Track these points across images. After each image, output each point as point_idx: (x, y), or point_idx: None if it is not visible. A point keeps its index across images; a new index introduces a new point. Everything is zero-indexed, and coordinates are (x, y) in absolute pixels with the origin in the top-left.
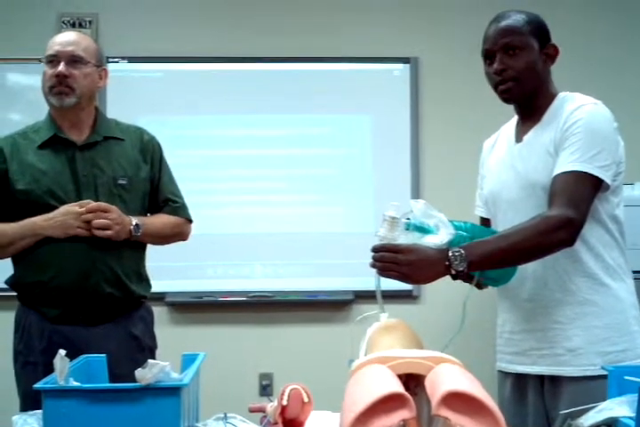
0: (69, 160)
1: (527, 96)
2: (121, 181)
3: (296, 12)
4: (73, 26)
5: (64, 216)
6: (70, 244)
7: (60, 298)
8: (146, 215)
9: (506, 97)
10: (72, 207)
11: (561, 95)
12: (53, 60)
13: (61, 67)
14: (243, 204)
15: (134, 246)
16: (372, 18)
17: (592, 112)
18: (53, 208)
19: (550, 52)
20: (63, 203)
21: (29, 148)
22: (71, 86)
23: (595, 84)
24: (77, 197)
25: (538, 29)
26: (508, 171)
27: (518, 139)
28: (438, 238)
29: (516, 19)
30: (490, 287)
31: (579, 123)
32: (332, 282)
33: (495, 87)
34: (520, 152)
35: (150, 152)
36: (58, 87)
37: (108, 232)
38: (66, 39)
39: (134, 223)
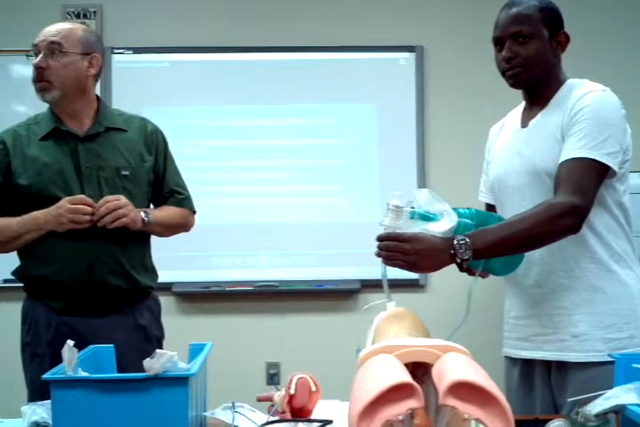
0: (72, 152)
1: (534, 82)
2: (124, 172)
3: (301, 1)
4: (77, 17)
5: (57, 210)
6: (74, 236)
7: (67, 291)
8: (149, 206)
9: (513, 82)
10: (64, 202)
11: (569, 82)
12: (37, 51)
13: (38, 58)
14: (249, 194)
15: (139, 238)
16: (377, 6)
17: (600, 99)
18: (58, 200)
19: (561, 40)
20: (67, 194)
21: (31, 140)
22: (49, 80)
23: (603, 70)
24: (81, 188)
25: (549, 17)
26: (513, 156)
27: (524, 124)
28: (443, 226)
29: (527, 6)
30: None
31: (586, 109)
32: (338, 271)
33: (503, 73)
34: (526, 137)
35: (155, 143)
36: (37, 83)
37: (124, 219)
38: (47, 29)
39: (142, 212)
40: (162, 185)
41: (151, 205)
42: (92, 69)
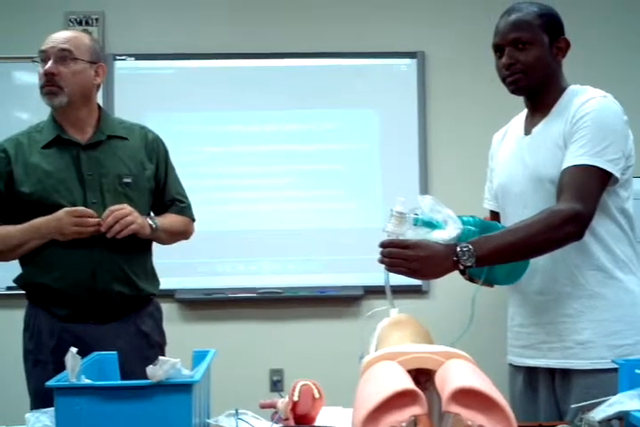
0: (74, 160)
1: (534, 88)
2: (126, 180)
3: (303, 7)
4: (80, 24)
5: (58, 222)
6: (77, 244)
7: (70, 298)
8: (149, 214)
9: (513, 88)
10: (65, 216)
11: (571, 88)
12: (44, 57)
13: (49, 64)
14: (251, 200)
15: (141, 245)
16: (378, 12)
17: (601, 105)
18: (61, 208)
19: (561, 46)
20: (70, 202)
21: (33, 148)
22: (59, 85)
23: (604, 76)
24: (83, 196)
25: (549, 23)
26: (516, 164)
27: (527, 131)
28: (446, 233)
29: (527, 12)
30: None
31: (588, 116)
32: (341, 278)
33: (503, 80)
34: (529, 145)
35: (156, 152)
36: (46, 87)
37: (133, 226)
38: (56, 36)
39: (148, 218)
40: (163, 193)
41: (152, 214)
42: (98, 78)
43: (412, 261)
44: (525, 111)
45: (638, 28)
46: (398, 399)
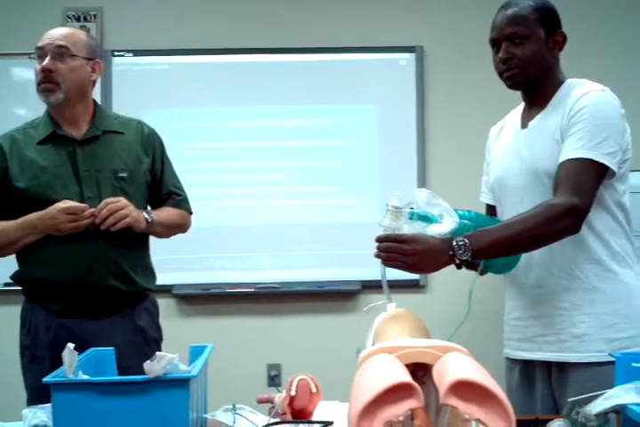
0: (70, 155)
1: (531, 82)
2: (122, 174)
3: (301, 2)
4: (78, 20)
5: (52, 220)
6: (73, 238)
7: (65, 293)
8: (146, 208)
9: (510, 83)
10: (59, 215)
11: (568, 82)
12: (41, 54)
13: (46, 61)
14: (249, 195)
15: (138, 239)
16: (376, 7)
17: (598, 99)
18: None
19: (558, 40)
20: (65, 198)
21: (29, 144)
22: (56, 82)
23: (602, 70)
24: (79, 191)
25: (545, 17)
26: (513, 157)
27: (524, 125)
28: (442, 227)
29: (523, 6)
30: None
31: (585, 109)
32: (339, 272)
33: (500, 75)
34: (525, 138)
35: (152, 146)
36: (43, 84)
37: (127, 220)
38: (53, 33)
39: (144, 212)
40: (160, 187)
41: (148, 207)
42: (94, 75)
43: (409, 255)
44: (522, 105)
45: (636, 23)
46: (395, 393)
